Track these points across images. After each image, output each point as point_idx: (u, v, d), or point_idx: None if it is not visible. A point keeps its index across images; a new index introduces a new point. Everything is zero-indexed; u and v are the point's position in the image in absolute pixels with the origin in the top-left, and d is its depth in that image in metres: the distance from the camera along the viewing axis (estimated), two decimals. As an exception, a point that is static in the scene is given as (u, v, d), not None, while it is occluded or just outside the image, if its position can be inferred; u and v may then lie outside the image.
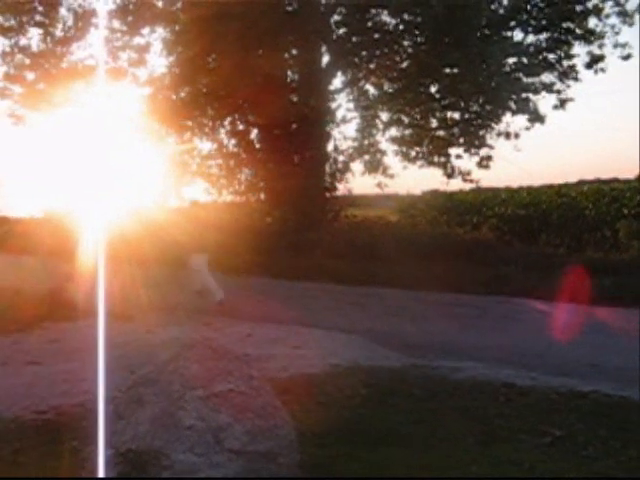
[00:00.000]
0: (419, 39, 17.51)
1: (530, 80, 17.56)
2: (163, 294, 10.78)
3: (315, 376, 6.29)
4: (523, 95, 17.25)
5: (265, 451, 3.62)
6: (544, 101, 17.95)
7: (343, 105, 19.20)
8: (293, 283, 13.15)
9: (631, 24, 16.83)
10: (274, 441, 3.69)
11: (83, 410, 5.04)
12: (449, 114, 19.23)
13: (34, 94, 18.06)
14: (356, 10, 16.82)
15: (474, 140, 18.72)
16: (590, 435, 4.68)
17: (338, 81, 18.85)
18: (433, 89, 18.81)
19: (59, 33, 18.12)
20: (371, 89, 19.28)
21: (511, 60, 17.43)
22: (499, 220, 18.11)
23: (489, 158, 18.68)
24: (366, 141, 19.31)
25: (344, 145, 19.09)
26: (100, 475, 3.48)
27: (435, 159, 19.42)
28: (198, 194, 19.14)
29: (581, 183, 23.27)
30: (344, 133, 19.22)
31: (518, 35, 17.51)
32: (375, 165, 19.12)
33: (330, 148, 18.78)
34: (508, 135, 18.42)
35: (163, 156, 19.45)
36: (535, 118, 17.41)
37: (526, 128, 17.84)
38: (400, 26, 17.39)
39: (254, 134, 19.44)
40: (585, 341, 8.11)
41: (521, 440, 4.58)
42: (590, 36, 17.10)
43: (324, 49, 17.91)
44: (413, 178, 28.84)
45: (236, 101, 17.91)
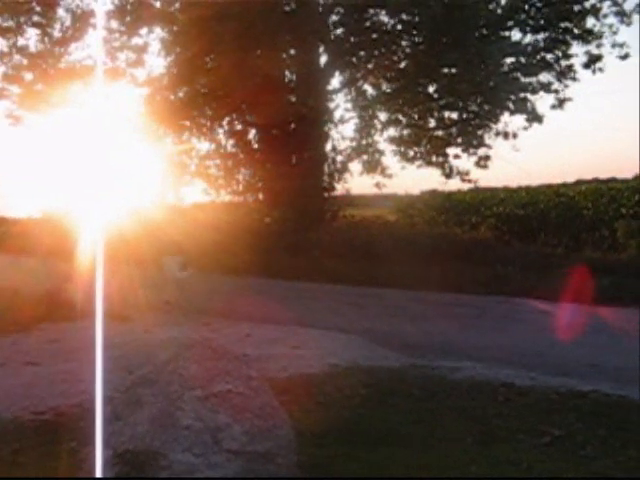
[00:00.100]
0: (417, 39, 17.52)
1: (528, 80, 17.56)
2: (161, 294, 10.77)
3: (314, 376, 6.27)
4: (521, 95, 17.26)
5: (264, 451, 3.61)
6: (542, 101, 17.90)
7: (341, 105, 19.24)
8: (292, 283, 13.13)
9: (629, 24, 16.85)
10: (273, 441, 3.68)
11: (81, 410, 5.03)
12: (447, 114, 19.25)
13: (32, 95, 18.04)
14: (354, 10, 16.82)
15: (472, 140, 18.72)
16: (589, 435, 4.68)
17: (336, 81, 18.87)
18: (431, 89, 18.83)
19: (57, 33, 18.11)
20: (369, 89, 19.31)
21: (509, 60, 17.45)
22: (497, 220, 18.07)
23: (487, 158, 18.70)
24: (364, 141, 19.27)
25: (342, 145, 19.08)
26: (98, 475, 3.47)
27: (433, 159, 19.43)
28: (196, 194, 19.16)
29: (579, 183, 23.22)
30: (342, 133, 19.21)
31: (516, 35, 17.55)
32: (373, 165, 19.07)
33: (328, 148, 18.76)
34: (506, 135, 18.44)
35: (161, 156, 19.44)
36: (533, 118, 17.44)
37: (524, 128, 17.90)
38: (398, 26, 17.42)
39: (252, 134, 19.44)
40: (585, 341, 8.10)
41: (520, 440, 4.58)
42: (588, 36, 17.11)
43: (322, 49, 17.90)
44: (411, 178, 28.71)
45: (234, 101, 17.88)
